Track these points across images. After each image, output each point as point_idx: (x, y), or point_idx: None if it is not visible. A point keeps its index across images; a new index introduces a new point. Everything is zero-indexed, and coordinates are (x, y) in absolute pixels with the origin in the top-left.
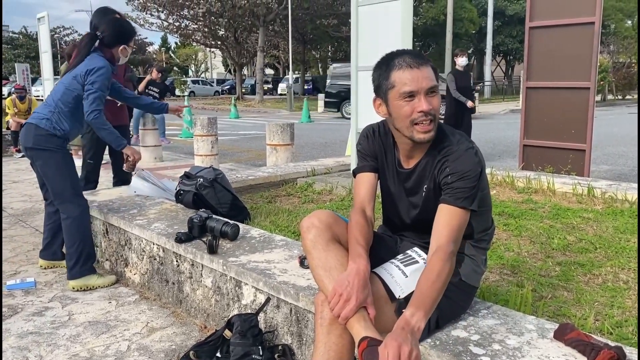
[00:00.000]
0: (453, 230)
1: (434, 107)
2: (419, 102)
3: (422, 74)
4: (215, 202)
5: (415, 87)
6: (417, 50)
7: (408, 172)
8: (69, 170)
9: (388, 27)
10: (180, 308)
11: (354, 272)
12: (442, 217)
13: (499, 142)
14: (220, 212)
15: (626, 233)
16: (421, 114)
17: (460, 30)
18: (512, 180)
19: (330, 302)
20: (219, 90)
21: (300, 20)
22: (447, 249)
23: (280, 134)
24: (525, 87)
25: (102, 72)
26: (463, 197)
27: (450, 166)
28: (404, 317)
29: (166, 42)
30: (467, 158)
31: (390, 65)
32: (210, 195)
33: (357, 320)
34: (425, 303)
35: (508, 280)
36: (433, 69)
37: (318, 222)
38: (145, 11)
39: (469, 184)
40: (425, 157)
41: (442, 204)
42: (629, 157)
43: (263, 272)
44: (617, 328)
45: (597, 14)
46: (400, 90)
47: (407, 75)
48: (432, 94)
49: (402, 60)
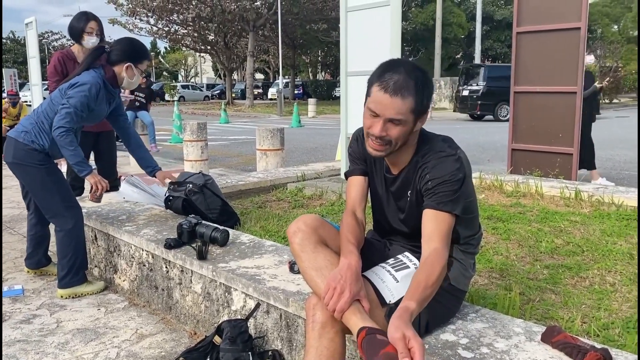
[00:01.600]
0: (442, 234)
1: (389, 135)
2: (377, 123)
3: (391, 104)
4: (205, 208)
5: (379, 111)
6: (415, 74)
7: (394, 177)
8: (56, 184)
9: (377, 32)
10: (169, 314)
11: (345, 267)
12: (428, 222)
13: (489, 146)
14: (210, 217)
15: (613, 236)
16: (371, 134)
17: (449, 35)
18: (501, 184)
19: (325, 297)
20: (209, 95)
21: (290, 25)
22: (440, 252)
23: (270, 138)
24: (513, 92)
25: (84, 88)
26: (446, 201)
27: (430, 172)
28: (401, 307)
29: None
30: (446, 164)
31: (380, 75)
32: (199, 201)
33: (353, 313)
34: (418, 294)
35: (497, 284)
36: (416, 102)
37: (304, 226)
38: (134, 16)
39: (450, 188)
40: (409, 164)
41: (427, 209)
42: (617, 160)
43: (253, 277)
44: (604, 330)
45: (582, 19)
46: (369, 104)
47: (379, 96)
48: (396, 123)
49: (389, 78)
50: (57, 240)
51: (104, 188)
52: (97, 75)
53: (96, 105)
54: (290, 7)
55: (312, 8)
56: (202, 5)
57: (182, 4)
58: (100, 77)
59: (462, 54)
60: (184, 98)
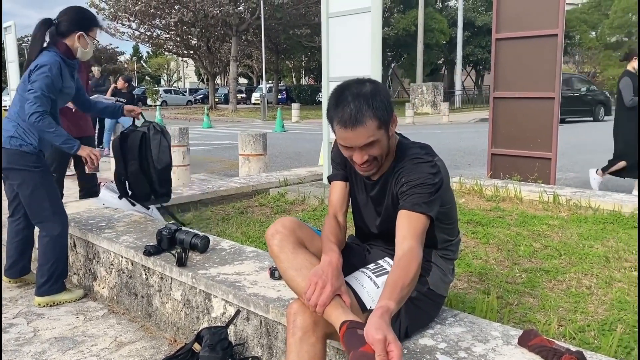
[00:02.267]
0: (416, 234)
1: (371, 154)
2: (355, 154)
3: (355, 135)
4: (156, 154)
5: (349, 144)
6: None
7: (373, 183)
8: (47, 188)
9: (358, 38)
10: (149, 322)
11: (326, 263)
12: (402, 222)
13: (469, 151)
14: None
15: (589, 239)
16: (355, 163)
17: (431, 41)
18: (481, 188)
19: (307, 292)
20: (192, 99)
21: (273, 30)
22: (415, 251)
23: (253, 144)
24: (493, 97)
25: (45, 69)
26: (420, 202)
27: (405, 176)
28: (381, 306)
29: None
30: (421, 168)
31: (335, 111)
32: (155, 143)
33: (335, 307)
34: (397, 294)
35: (476, 288)
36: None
37: (282, 228)
38: (116, 20)
39: (425, 190)
40: (388, 170)
41: (401, 210)
42: (595, 164)
43: (233, 284)
44: (580, 333)
45: (559, 26)
46: (338, 140)
47: (342, 133)
48: (369, 146)
49: (342, 114)
50: (41, 245)
51: (97, 157)
52: (53, 54)
53: (63, 84)
54: (274, 12)
55: (295, 13)
56: (185, 9)
57: (164, 9)
58: (57, 54)
59: (444, 59)
60: (167, 103)
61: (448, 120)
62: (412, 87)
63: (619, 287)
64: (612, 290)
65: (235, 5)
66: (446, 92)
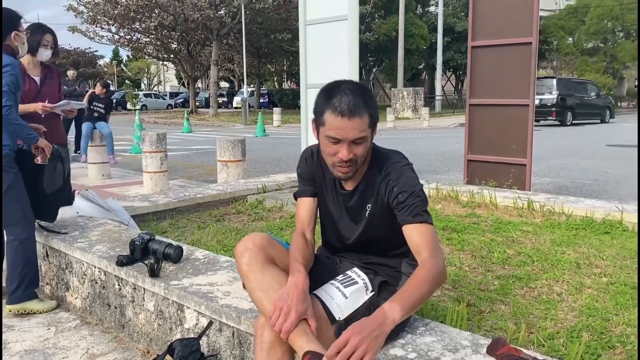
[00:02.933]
0: (429, 244)
1: (356, 154)
2: (342, 148)
3: (352, 125)
4: (48, 178)
5: (341, 136)
6: (362, 91)
7: (349, 193)
8: (19, 192)
9: (336, 45)
10: (122, 333)
11: (292, 285)
12: (412, 236)
13: (448, 156)
14: (44, 192)
15: (562, 245)
16: (340, 160)
17: (412, 46)
18: (457, 194)
19: (271, 318)
20: (172, 103)
21: (255, 34)
22: (431, 261)
23: (232, 149)
24: (469, 104)
25: (9, 68)
26: (421, 211)
27: (397, 185)
28: (381, 309)
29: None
30: (408, 173)
31: (328, 102)
32: (49, 169)
33: (299, 335)
34: (405, 299)
35: (449, 295)
36: (371, 116)
37: (252, 245)
38: (95, 24)
39: (420, 198)
40: (365, 177)
41: (406, 225)
42: (570, 169)
43: (205, 295)
44: (549, 340)
45: (533, 34)
46: (327, 133)
47: (337, 122)
48: (358, 143)
49: (339, 103)
50: (10, 251)
51: (50, 148)
52: (9, 56)
53: (22, 83)
54: (255, 16)
55: (277, 18)
56: (165, 13)
57: (144, 13)
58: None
59: (425, 64)
60: (147, 107)
61: (428, 125)
62: (393, 92)
63: (589, 294)
64: (582, 296)
65: (216, 9)
66: (427, 97)
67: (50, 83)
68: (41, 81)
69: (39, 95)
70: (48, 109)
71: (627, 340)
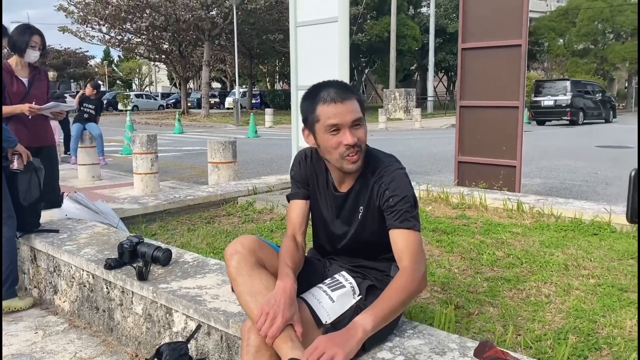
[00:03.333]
0: (413, 251)
1: (360, 139)
2: (344, 135)
3: (346, 108)
4: (23, 191)
5: (339, 120)
6: (343, 83)
7: (343, 195)
8: (3, 191)
9: (326, 48)
10: (111, 336)
11: (280, 290)
12: (397, 241)
13: (440, 157)
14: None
15: (550, 247)
16: (347, 146)
17: (404, 47)
18: (447, 196)
19: (257, 323)
20: (164, 104)
21: (247, 35)
22: (411, 269)
23: (222, 151)
24: (459, 106)
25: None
26: (409, 217)
27: (389, 188)
28: (354, 320)
29: (109, 55)
30: (402, 179)
31: (315, 99)
32: (24, 181)
33: (285, 341)
34: (378, 309)
35: (438, 298)
36: (359, 101)
37: (241, 248)
38: (85, 24)
39: (410, 204)
40: (359, 180)
41: (393, 230)
42: (561, 170)
43: (194, 298)
44: (536, 342)
45: (523, 36)
46: (325, 123)
47: (332, 109)
48: (357, 126)
49: (326, 94)
50: None
51: (27, 154)
52: None
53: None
54: (247, 17)
55: (269, 18)
56: (156, 14)
57: (135, 13)
58: None
59: (417, 65)
60: (138, 107)
61: (420, 126)
62: (385, 93)
63: (577, 295)
64: (570, 298)
65: (207, 10)
66: (419, 98)
67: (39, 84)
68: (29, 82)
69: (27, 97)
70: (35, 111)
71: (614, 341)
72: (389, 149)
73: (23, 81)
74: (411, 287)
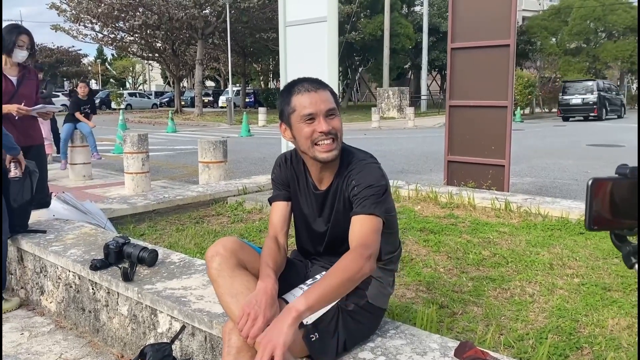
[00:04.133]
0: (365, 235)
1: (334, 127)
2: (318, 123)
3: (319, 97)
4: (15, 193)
5: (314, 109)
6: (316, 78)
7: (323, 193)
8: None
9: (315, 47)
10: (97, 337)
11: (261, 291)
12: (354, 227)
13: (432, 156)
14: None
15: (537, 246)
16: (321, 134)
17: (397, 46)
18: (436, 195)
19: (239, 323)
20: (157, 103)
21: (240, 33)
22: (358, 250)
23: (213, 151)
24: (449, 105)
25: None
26: (370, 204)
27: (355, 179)
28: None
29: (102, 53)
30: (370, 170)
31: (290, 92)
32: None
33: None
34: (312, 290)
35: (422, 297)
36: (332, 94)
37: (222, 250)
38: (78, 22)
39: (374, 191)
40: (337, 177)
41: (353, 217)
42: (551, 169)
43: (178, 299)
44: (519, 342)
45: (511, 36)
46: (301, 113)
47: (306, 99)
48: (331, 116)
49: (301, 86)
50: None
51: (24, 163)
52: None
53: None
54: (240, 15)
55: (262, 17)
56: (149, 12)
57: (128, 11)
58: None
59: (410, 64)
60: (131, 106)
61: (414, 124)
62: (379, 92)
63: (560, 295)
64: (554, 297)
65: (200, 8)
66: (412, 97)
67: (28, 84)
68: (18, 81)
69: (15, 96)
70: (23, 112)
71: (595, 340)
72: (381, 148)
73: (12, 80)
74: (352, 268)
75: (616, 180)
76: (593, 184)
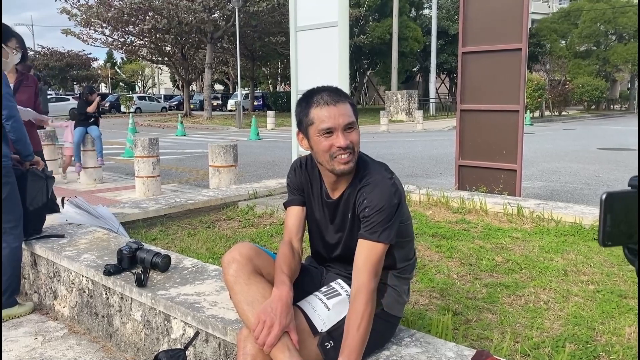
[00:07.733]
0: (373, 265)
1: (352, 141)
2: (336, 137)
3: (338, 111)
4: (32, 196)
5: (332, 124)
6: (336, 88)
7: (335, 202)
8: (14, 201)
9: (326, 52)
10: (110, 342)
11: (276, 298)
12: (361, 252)
13: (441, 160)
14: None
15: (550, 252)
16: (339, 149)
17: (406, 49)
18: (447, 200)
19: (255, 331)
20: (167, 106)
21: (249, 37)
22: (368, 287)
23: (223, 155)
24: (459, 110)
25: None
26: (380, 230)
27: (367, 198)
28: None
29: (112, 57)
30: (384, 189)
31: (309, 103)
32: (35, 187)
33: (282, 351)
34: (355, 348)
35: (436, 304)
36: (352, 105)
37: (239, 256)
38: (88, 27)
39: (385, 216)
40: (349, 187)
41: (361, 239)
42: (562, 173)
43: (192, 305)
44: (535, 350)
45: (523, 40)
46: (319, 127)
47: (325, 112)
48: (349, 130)
49: (320, 98)
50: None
51: (42, 165)
52: None
53: None
54: (249, 19)
55: (271, 21)
56: (159, 16)
57: (137, 15)
58: None
59: (419, 67)
60: (141, 110)
61: (422, 128)
62: (387, 95)
63: (575, 302)
64: (569, 305)
65: (209, 12)
66: (421, 100)
67: (25, 90)
68: (15, 87)
69: None
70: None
71: (612, 349)
72: (390, 151)
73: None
74: (367, 311)
75: (629, 193)
76: (607, 198)
